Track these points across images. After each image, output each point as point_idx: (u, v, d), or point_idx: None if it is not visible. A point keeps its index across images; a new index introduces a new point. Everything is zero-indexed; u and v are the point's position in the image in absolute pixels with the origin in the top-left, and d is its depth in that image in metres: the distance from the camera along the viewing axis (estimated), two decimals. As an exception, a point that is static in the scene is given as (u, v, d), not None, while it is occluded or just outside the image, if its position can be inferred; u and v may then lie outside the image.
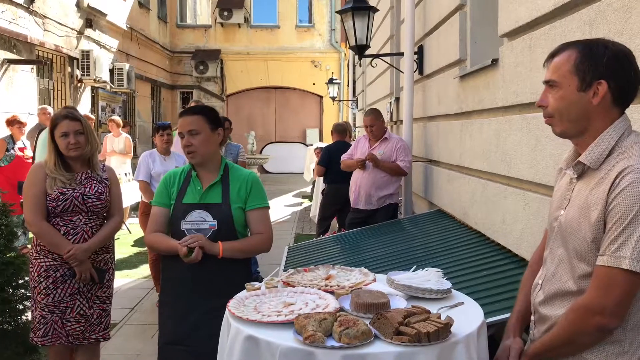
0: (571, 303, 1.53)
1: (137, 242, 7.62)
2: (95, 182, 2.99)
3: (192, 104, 5.66)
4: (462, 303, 1.97)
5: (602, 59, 1.47)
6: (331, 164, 6.56)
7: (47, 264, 2.91)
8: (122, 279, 5.98)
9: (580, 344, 1.50)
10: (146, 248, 6.59)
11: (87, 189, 2.95)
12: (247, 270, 2.69)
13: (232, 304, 1.96)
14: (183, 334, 2.50)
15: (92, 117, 9.18)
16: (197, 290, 2.49)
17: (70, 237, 2.90)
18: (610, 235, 1.42)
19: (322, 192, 7.16)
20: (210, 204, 2.54)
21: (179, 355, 2.51)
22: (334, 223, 6.99)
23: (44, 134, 5.53)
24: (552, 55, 1.58)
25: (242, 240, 2.58)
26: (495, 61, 3.40)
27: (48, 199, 2.87)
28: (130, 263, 6.75)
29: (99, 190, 2.98)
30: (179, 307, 2.53)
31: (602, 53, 1.48)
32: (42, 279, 2.90)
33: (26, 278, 3.35)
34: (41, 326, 2.90)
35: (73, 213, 2.92)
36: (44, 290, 2.90)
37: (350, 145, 6.91)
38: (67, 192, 2.89)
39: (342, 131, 6.98)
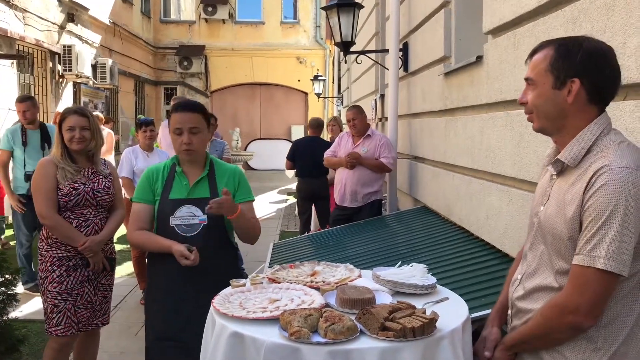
0: (549, 298, 1.55)
1: (120, 240, 7.54)
2: (101, 177, 3.16)
3: (176, 101, 5.62)
4: (447, 298, 1.99)
5: (575, 57, 1.48)
6: (296, 157, 6.63)
7: (60, 254, 3.03)
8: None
9: (554, 339, 1.53)
10: (129, 245, 6.53)
11: (96, 184, 3.11)
12: (236, 264, 2.70)
13: (216, 301, 1.95)
14: (175, 330, 2.48)
15: (101, 115, 9.02)
16: (187, 285, 2.47)
17: (82, 230, 3.04)
18: (585, 234, 1.43)
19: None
20: (199, 199, 2.52)
21: (170, 351, 2.48)
22: (316, 223, 7.01)
23: (11, 128, 5.46)
24: (532, 53, 1.60)
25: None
26: (479, 58, 3.42)
27: (60, 193, 2.99)
28: (113, 260, 6.67)
29: (107, 185, 3.16)
30: (169, 302, 2.50)
31: (577, 51, 1.49)
32: (55, 268, 3.01)
33: (7, 276, 3.32)
34: (54, 315, 3.00)
35: (84, 207, 3.06)
36: (57, 279, 3.00)
37: (323, 140, 7.00)
38: (79, 187, 3.04)
39: (317, 126, 7.01)
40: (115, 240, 3.37)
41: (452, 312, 1.83)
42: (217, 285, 2.22)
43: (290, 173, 7.06)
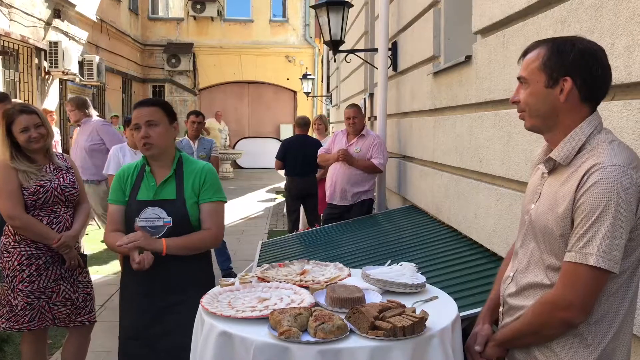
0: (541, 295, 1.56)
1: (107, 238, 7.48)
2: (64, 172, 3.08)
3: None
4: (437, 297, 1.99)
5: (568, 56, 1.50)
6: (287, 157, 6.62)
7: (29, 252, 2.96)
8: (91, 275, 5.84)
9: (545, 335, 1.54)
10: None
11: (62, 180, 3.03)
12: (208, 265, 2.63)
13: (205, 300, 1.93)
14: (141, 329, 2.48)
15: (52, 110, 8.85)
16: (155, 286, 2.46)
17: (53, 227, 2.98)
18: (577, 231, 1.44)
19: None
20: (164, 200, 2.47)
21: (139, 350, 2.50)
22: (305, 222, 7.00)
23: None
24: (525, 52, 1.62)
25: (187, 236, 2.45)
26: (468, 58, 3.43)
27: (26, 193, 2.91)
28: (100, 259, 6.61)
29: (72, 180, 3.09)
30: (137, 302, 2.50)
31: (569, 50, 1.50)
32: (24, 267, 2.95)
33: None
34: (27, 312, 2.95)
35: (53, 204, 2.99)
36: (27, 278, 2.94)
37: (312, 138, 6.99)
38: (46, 184, 2.96)
39: (304, 125, 7.01)
40: (101, 239, 3.35)
41: (441, 311, 1.84)
42: (186, 286, 2.22)
43: (282, 173, 7.05)
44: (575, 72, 1.50)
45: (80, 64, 11.87)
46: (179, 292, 2.38)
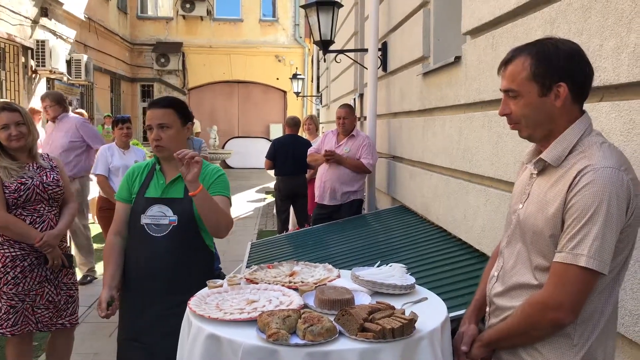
0: (529, 295, 1.56)
1: (95, 238, 7.41)
2: (48, 170, 3.05)
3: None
4: (426, 298, 1.98)
5: (557, 61, 1.49)
6: (277, 156, 6.62)
7: (13, 254, 2.92)
8: (79, 275, 5.79)
9: (534, 336, 1.54)
10: (104, 244, 6.40)
11: (45, 177, 3.00)
12: (209, 266, 2.61)
13: (193, 302, 1.91)
14: (139, 331, 2.46)
15: (39, 109, 8.74)
16: (155, 286, 2.44)
17: (37, 226, 2.94)
18: (568, 232, 1.44)
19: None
20: (172, 199, 2.47)
21: (136, 352, 2.47)
22: (294, 222, 6.99)
23: None
24: (505, 62, 1.58)
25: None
26: (458, 58, 3.43)
27: (7, 191, 2.87)
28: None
29: (56, 178, 3.05)
30: (137, 302, 2.48)
31: (556, 55, 1.49)
32: (8, 269, 2.91)
33: None
34: (10, 316, 2.90)
35: (36, 202, 2.95)
36: (12, 280, 2.90)
37: (302, 138, 6.98)
38: (27, 182, 2.92)
39: (294, 125, 7.01)
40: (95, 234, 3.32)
41: (431, 312, 1.83)
42: (186, 287, 2.21)
43: (272, 173, 7.05)
44: (568, 76, 1.49)
45: (68, 62, 11.77)
46: (181, 294, 2.33)
